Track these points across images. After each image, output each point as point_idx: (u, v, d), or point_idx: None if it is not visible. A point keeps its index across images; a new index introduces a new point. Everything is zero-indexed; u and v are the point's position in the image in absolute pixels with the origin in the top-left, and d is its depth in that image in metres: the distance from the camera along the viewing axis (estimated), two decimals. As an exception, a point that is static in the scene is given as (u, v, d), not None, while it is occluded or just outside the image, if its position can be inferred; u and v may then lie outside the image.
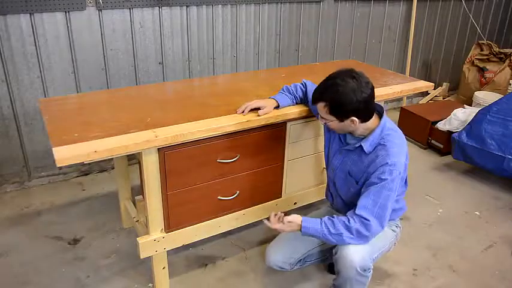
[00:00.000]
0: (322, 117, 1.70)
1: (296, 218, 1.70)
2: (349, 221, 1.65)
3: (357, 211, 1.64)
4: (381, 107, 1.74)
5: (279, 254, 1.87)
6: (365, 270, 1.68)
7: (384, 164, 1.64)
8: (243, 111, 1.88)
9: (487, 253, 2.37)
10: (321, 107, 1.65)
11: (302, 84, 2.05)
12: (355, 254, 1.65)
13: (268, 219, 1.73)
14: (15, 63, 2.56)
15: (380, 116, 1.73)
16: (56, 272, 2.13)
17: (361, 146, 1.71)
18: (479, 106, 3.78)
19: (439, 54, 4.79)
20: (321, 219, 1.68)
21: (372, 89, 1.63)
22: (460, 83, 4.66)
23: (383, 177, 1.63)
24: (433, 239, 2.47)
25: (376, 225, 1.65)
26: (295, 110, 1.97)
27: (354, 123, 1.65)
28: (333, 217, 1.68)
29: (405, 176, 1.81)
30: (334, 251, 1.73)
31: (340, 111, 1.62)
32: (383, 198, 1.64)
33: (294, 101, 2.03)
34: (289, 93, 2.02)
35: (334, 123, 1.68)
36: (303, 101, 2.04)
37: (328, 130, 1.89)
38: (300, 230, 1.68)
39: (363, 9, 3.93)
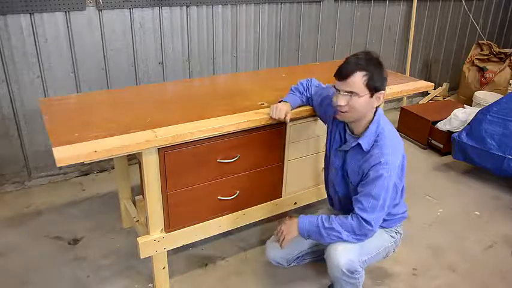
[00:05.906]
0: (350, 92, 1.57)
1: (292, 219, 1.78)
2: (346, 218, 1.66)
3: (357, 211, 1.64)
4: None
5: (278, 251, 1.88)
6: (352, 272, 1.67)
7: (377, 162, 1.62)
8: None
9: (487, 253, 2.37)
10: (358, 77, 1.55)
11: (307, 80, 2.02)
12: (342, 256, 1.65)
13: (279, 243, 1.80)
14: (15, 63, 2.56)
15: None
16: (56, 272, 2.13)
17: (358, 144, 1.68)
18: (479, 106, 3.78)
19: (439, 54, 4.79)
20: (319, 215, 1.72)
21: None
22: (460, 83, 4.66)
23: (377, 175, 1.61)
24: (433, 239, 2.47)
25: (374, 227, 1.65)
26: (295, 110, 1.97)
27: (379, 100, 1.62)
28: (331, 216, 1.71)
29: (402, 183, 1.76)
30: (325, 251, 1.74)
31: (378, 83, 1.58)
32: (382, 199, 1.63)
33: (304, 101, 2.00)
34: (299, 92, 2.00)
35: (362, 99, 1.58)
36: (309, 100, 2.01)
37: (334, 124, 1.83)
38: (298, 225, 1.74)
39: (363, 9, 3.93)
